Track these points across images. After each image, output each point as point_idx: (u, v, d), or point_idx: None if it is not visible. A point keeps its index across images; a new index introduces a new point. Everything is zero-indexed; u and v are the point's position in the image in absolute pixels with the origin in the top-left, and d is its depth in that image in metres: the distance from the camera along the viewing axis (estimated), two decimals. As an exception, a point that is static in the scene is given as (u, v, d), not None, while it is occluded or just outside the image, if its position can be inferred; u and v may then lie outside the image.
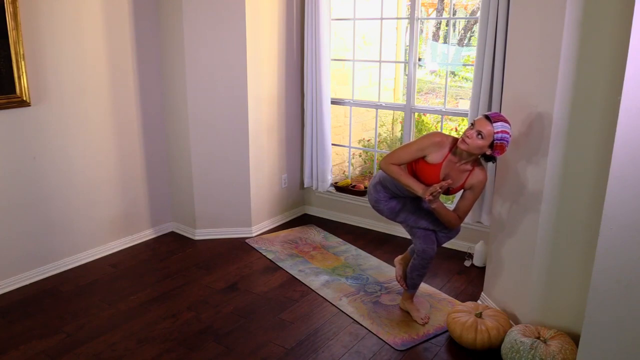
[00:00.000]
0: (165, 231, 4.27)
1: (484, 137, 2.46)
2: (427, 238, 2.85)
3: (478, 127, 2.47)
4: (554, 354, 2.36)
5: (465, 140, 2.50)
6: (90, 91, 3.54)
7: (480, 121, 2.49)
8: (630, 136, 1.72)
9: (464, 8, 7.06)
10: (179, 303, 3.17)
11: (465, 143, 2.50)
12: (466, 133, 2.51)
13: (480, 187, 2.68)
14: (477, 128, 2.47)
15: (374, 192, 2.90)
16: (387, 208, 2.89)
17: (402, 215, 2.87)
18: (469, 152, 2.53)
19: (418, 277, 2.95)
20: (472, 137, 2.48)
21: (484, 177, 2.66)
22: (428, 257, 2.85)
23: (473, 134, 2.48)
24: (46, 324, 2.94)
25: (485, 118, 2.48)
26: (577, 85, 2.32)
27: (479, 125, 2.47)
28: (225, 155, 4.02)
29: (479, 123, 2.48)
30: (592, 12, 2.22)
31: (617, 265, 1.82)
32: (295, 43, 4.29)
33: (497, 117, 2.48)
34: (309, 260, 3.75)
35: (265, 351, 2.71)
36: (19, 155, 3.24)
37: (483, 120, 2.48)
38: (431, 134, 2.67)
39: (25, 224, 3.34)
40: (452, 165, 2.64)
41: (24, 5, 3.09)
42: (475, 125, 2.48)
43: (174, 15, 3.77)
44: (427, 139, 2.64)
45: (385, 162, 2.69)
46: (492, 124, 2.45)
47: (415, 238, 2.88)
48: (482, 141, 2.47)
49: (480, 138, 2.47)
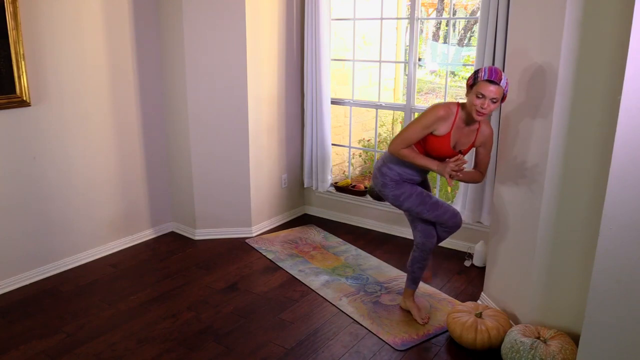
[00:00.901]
0: (165, 231, 4.27)
1: (497, 100, 2.46)
2: (428, 232, 2.85)
3: (490, 95, 2.43)
4: (554, 354, 2.36)
5: (481, 112, 2.47)
6: (90, 91, 3.54)
7: (488, 89, 2.43)
8: (630, 136, 1.72)
9: (464, 8, 7.06)
10: (179, 303, 3.17)
11: (481, 114, 2.48)
12: (478, 104, 2.45)
13: (491, 141, 2.71)
14: (490, 97, 2.43)
15: (380, 177, 2.82)
16: (392, 195, 2.81)
17: (406, 204, 2.80)
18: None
19: (419, 269, 2.96)
20: (488, 107, 2.45)
21: (491, 130, 2.70)
22: (427, 250, 2.88)
23: (488, 103, 2.44)
24: (46, 324, 2.94)
25: (490, 82, 2.43)
26: (577, 85, 2.32)
27: (490, 93, 2.43)
28: (225, 155, 4.02)
29: (489, 91, 2.42)
30: (592, 12, 2.22)
31: (617, 265, 1.82)
32: (295, 43, 4.29)
33: (497, 74, 2.44)
34: (309, 260, 3.75)
35: (265, 351, 2.71)
36: (19, 155, 3.24)
37: (491, 86, 2.43)
38: (434, 109, 2.60)
39: (25, 224, 3.34)
40: (460, 131, 2.63)
41: (24, 5, 3.09)
42: (486, 94, 2.43)
43: (174, 15, 3.77)
44: (431, 114, 2.58)
45: (394, 148, 2.66)
46: (500, 84, 2.44)
47: (416, 231, 2.89)
48: (497, 104, 2.47)
49: (494, 102, 2.46)
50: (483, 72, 2.45)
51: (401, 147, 2.64)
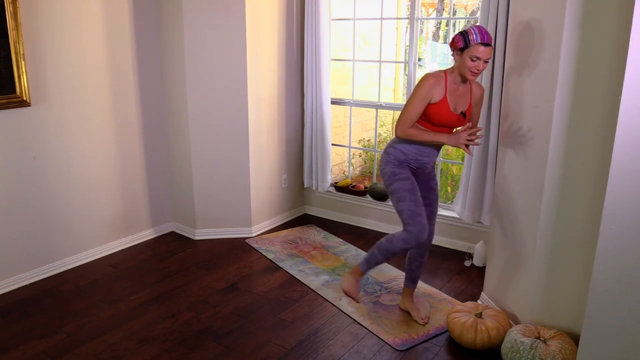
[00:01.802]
0: (165, 231, 4.27)
1: (489, 60, 2.52)
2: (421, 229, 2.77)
3: (485, 56, 2.48)
4: (554, 354, 2.36)
5: (475, 72, 2.52)
6: (90, 91, 3.54)
7: (484, 51, 2.47)
8: (630, 136, 1.72)
9: (464, 8, 7.06)
10: (179, 303, 3.17)
11: (476, 74, 2.53)
12: (472, 66, 2.50)
13: (482, 99, 2.79)
14: (484, 58, 2.48)
15: (385, 156, 2.80)
16: (391, 171, 2.75)
17: (397, 184, 2.73)
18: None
19: (417, 267, 2.98)
20: (482, 67, 2.51)
21: (482, 88, 2.76)
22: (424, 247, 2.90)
23: (482, 64, 2.50)
24: (46, 324, 2.94)
25: (484, 45, 2.46)
26: (577, 85, 2.32)
27: (484, 54, 2.48)
28: (225, 155, 4.02)
29: (483, 52, 2.47)
30: (592, 12, 2.22)
31: (617, 265, 1.82)
32: (295, 43, 4.29)
33: (489, 36, 2.48)
34: (309, 260, 3.75)
35: (265, 351, 2.71)
36: (19, 155, 3.24)
37: (485, 49, 2.47)
38: (423, 79, 2.62)
39: (25, 224, 3.34)
40: (454, 93, 2.65)
41: (24, 5, 3.10)
42: (481, 56, 2.47)
43: (174, 15, 3.77)
44: (423, 84, 2.60)
45: (401, 130, 2.65)
46: (491, 44, 2.49)
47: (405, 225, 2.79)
48: (488, 62, 2.53)
49: (486, 62, 2.51)
50: (474, 35, 2.46)
51: (407, 127, 2.64)
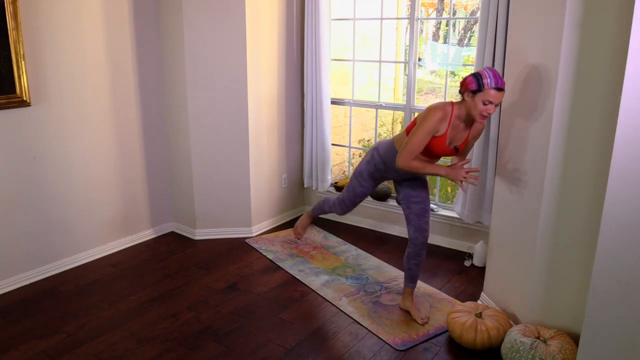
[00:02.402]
0: (165, 231, 4.27)
1: (500, 103, 2.55)
2: (419, 226, 2.91)
3: (497, 100, 2.48)
4: (554, 354, 2.36)
5: (485, 116, 2.53)
6: (90, 91, 3.54)
7: (497, 96, 2.46)
8: (630, 136, 1.72)
9: (464, 8, 7.06)
10: (179, 303, 3.17)
11: (485, 117, 2.54)
12: (484, 110, 2.49)
13: (481, 133, 2.83)
14: (496, 102, 2.48)
15: (369, 156, 2.99)
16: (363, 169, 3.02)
17: (361, 167, 3.03)
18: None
19: (415, 266, 2.98)
20: (492, 111, 2.51)
21: (483, 125, 2.74)
22: (420, 244, 2.92)
23: (493, 109, 2.50)
24: (46, 324, 2.94)
25: (498, 90, 2.45)
26: (577, 85, 2.32)
27: (498, 99, 2.48)
28: (225, 155, 4.02)
29: (498, 97, 2.47)
30: (592, 12, 2.22)
31: (617, 265, 1.82)
32: (295, 43, 4.29)
33: (502, 81, 2.48)
34: (309, 260, 3.75)
35: (265, 351, 2.71)
36: (19, 155, 3.24)
37: (498, 94, 2.47)
38: (432, 113, 2.59)
39: (25, 224, 3.34)
40: (455, 129, 2.67)
41: (24, 5, 3.09)
42: (495, 101, 2.47)
43: (174, 15, 3.77)
44: (431, 119, 2.58)
45: (404, 162, 2.64)
46: (504, 88, 2.50)
47: (409, 226, 2.96)
48: (498, 106, 2.56)
49: (497, 105, 2.51)
50: (489, 79, 2.45)
51: (410, 159, 2.64)
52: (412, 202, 2.92)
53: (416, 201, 2.91)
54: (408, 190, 2.94)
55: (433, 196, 4.44)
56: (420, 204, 2.92)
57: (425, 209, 2.93)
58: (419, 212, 2.91)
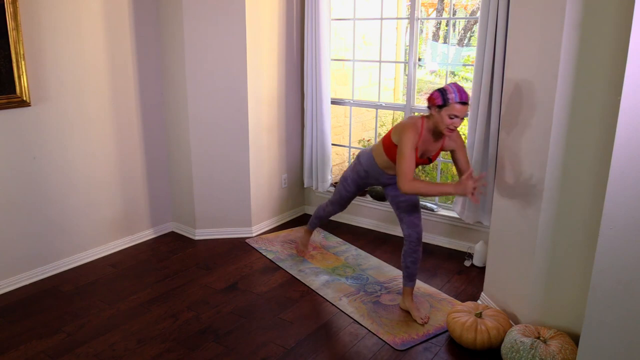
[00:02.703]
0: (165, 231, 4.27)
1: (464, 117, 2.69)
2: (412, 223, 2.98)
3: (462, 114, 2.61)
4: (554, 354, 2.36)
5: (452, 129, 2.65)
6: (90, 91, 3.54)
7: (461, 109, 2.60)
8: (630, 136, 1.72)
9: (464, 8, 7.06)
10: (179, 303, 3.17)
11: (451, 131, 2.66)
12: (449, 123, 2.62)
13: (461, 140, 2.87)
14: (462, 116, 2.62)
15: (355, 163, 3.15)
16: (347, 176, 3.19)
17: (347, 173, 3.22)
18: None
19: (412, 263, 3.00)
20: (458, 124, 2.65)
21: (457, 132, 2.83)
22: (414, 241, 2.97)
23: (459, 122, 2.63)
24: (46, 324, 2.94)
25: (462, 104, 2.59)
26: (577, 85, 2.32)
27: (463, 112, 2.61)
28: (225, 155, 4.02)
29: (462, 111, 2.61)
30: (592, 12, 2.22)
31: (617, 265, 1.82)
32: (295, 43, 4.29)
33: (466, 95, 2.61)
34: (309, 260, 3.75)
35: (265, 351, 2.71)
36: (19, 155, 3.24)
37: (463, 107, 2.60)
38: (406, 133, 2.71)
39: (25, 224, 3.34)
40: (426, 142, 2.79)
41: (24, 5, 3.10)
42: (460, 114, 2.60)
43: (174, 15, 3.77)
44: (408, 138, 2.70)
45: (408, 186, 2.67)
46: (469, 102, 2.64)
47: (402, 224, 3.05)
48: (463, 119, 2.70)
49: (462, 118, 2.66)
50: (454, 94, 2.59)
51: (410, 178, 2.69)
52: (400, 202, 3.02)
53: (404, 199, 3.01)
54: (394, 191, 3.04)
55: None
56: (408, 202, 3.01)
57: (414, 205, 3.01)
58: (408, 209, 3.00)
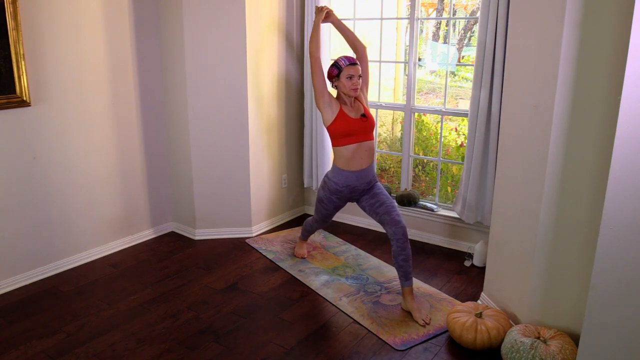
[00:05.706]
0: (165, 231, 4.27)
1: (361, 76, 3.08)
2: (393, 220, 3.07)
3: (357, 72, 3.03)
4: (554, 354, 2.36)
5: (356, 89, 3.05)
6: (90, 91, 3.54)
7: (354, 69, 3.02)
8: (630, 136, 1.72)
9: (464, 8, 7.06)
10: (179, 303, 3.17)
11: (356, 89, 3.05)
12: (349, 84, 3.02)
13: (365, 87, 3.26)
14: (357, 74, 3.03)
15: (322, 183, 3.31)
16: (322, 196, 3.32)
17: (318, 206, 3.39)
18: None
19: (404, 261, 3.00)
20: (358, 82, 3.04)
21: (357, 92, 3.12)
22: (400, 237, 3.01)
23: (357, 80, 3.03)
24: (46, 324, 2.94)
25: (352, 64, 3.03)
26: (577, 85, 2.32)
27: (356, 71, 3.03)
28: (226, 156, 4.02)
29: (355, 70, 3.03)
30: (592, 12, 2.22)
31: (617, 265, 1.82)
32: (295, 43, 4.29)
33: (353, 58, 3.11)
34: (309, 260, 3.75)
35: (265, 351, 2.71)
36: (19, 155, 3.24)
37: (354, 67, 3.03)
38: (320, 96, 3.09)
39: (25, 224, 3.34)
40: (350, 108, 3.11)
41: (24, 5, 3.10)
42: (354, 73, 3.02)
43: (174, 14, 3.77)
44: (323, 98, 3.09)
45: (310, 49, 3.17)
46: (357, 63, 3.06)
47: (385, 225, 3.10)
48: (361, 79, 3.09)
49: (360, 78, 3.06)
50: (343, 61, 3.04)
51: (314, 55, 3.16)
52: (377, 207, 3.15)
53: (379, 204, 3.14)
54: (369, 201, 3.20)
55: (433, 196, 4.45)
56: (384, 204, 3.13)
57: (390, 205, 3.12)
58: (386, 210, 3.11)
